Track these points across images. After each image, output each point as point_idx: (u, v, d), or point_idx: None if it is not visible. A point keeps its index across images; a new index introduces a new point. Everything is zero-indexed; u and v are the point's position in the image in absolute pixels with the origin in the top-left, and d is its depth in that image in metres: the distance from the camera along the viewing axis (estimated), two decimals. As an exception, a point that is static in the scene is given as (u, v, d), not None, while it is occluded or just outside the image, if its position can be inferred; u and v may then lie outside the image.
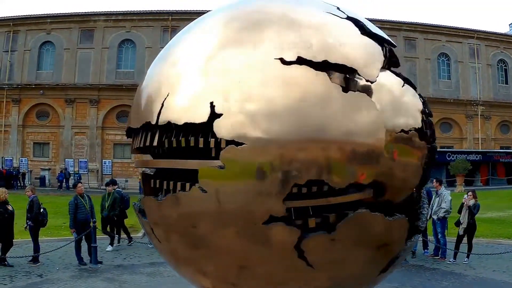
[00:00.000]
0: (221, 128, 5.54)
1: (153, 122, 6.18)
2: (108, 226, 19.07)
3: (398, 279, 13.49)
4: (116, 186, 20.93)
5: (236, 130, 5.51)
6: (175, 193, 6.01)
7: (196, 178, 5.73)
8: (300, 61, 5.75)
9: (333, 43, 6.03)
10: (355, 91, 5.78)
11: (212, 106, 5.62)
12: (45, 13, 62.61)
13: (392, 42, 6.80)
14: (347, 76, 5.86)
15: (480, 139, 64.56)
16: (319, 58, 5.78)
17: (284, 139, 5.49)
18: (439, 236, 17.23)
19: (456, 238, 17.18)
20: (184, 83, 6.12)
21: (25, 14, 62.72)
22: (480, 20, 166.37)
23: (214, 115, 5.59)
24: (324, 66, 5.77)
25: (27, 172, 55.61)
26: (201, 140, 5.75)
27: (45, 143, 60.22)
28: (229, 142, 5.51)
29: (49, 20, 60.70)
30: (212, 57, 6.10)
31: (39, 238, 16.37)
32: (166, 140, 6.13)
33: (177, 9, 61.67)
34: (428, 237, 17.85)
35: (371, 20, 7.23)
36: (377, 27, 6.86)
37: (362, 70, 5.92)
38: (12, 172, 52.89)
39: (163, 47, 7.51)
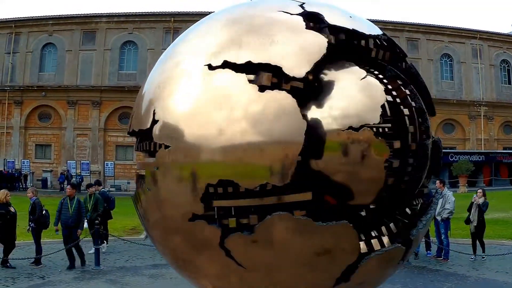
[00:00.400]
0: (155, 133, 6.21)
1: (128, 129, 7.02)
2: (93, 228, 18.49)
3: (400, 280, 13.47)
4: (101, 187, 20.76)
5: (166, 134, 6.11)
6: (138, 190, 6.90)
7: None
8: (225, 64, 5.91)
9: (263, 42, 6.06)
10: (273, 90, 5.74)
11: (153, 113, 6.24)
12: (47, 14, 62.74)
13: (374, 34, 6.58)
14: (274, 75, 5.82)
15: (483, 139, 64.49)
16: (242, 60, 5.85)
17: (205, 142, 5.83)
18: (442, 237, 17.13)
19: (471, 238, 17.49)
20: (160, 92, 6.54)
21: (27, 16, 62.85)
22: (483, 20, 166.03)
23: (154, 121, 6.22)
24: (248, 67, 5.84)
25: (29, 174, 55.72)
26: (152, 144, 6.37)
27: (47, 145, 60.33)
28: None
29: (51, 22, 60.75)
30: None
31: (41, 240, 16.35)
32: (140, 145, 6.78)
33: (179, 11, 61.77)
34: (431, 238, 17.78)
35: (374, 21, 7.17)
36: (359, 21, 6.71)
37: (288, 68, 5.81)
38: (14, 174, 53.02)
39: (165, 49, 7.67)
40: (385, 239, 6.18)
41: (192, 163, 5.95)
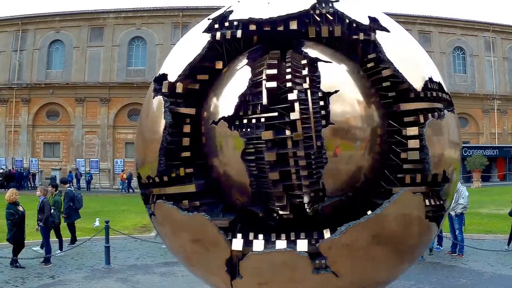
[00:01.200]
0: None
1: None
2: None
3: (415, 276, 13.35)
4: (68, 185, 20.24)
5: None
6: None
7: None
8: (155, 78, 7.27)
9: (173, 53, 7.42)
10: (158, 96, 6.84)
11: None
12: (54, 11, 62.57)
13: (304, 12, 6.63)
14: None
15: (496, 133, 64.15)
16: (160, 72, 7.18)
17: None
18: (456, 233, 16.89)
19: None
20: None
21: (34, 13, 62.90)
22: (496, 12, 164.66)
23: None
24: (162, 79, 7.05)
25: (38, 172, 55.67)
26: None
27: (55, 143, 60.30)
28: None
29: (58, 18, 60.68)
30: None
31: (50, 239, 16.22)
32: None
33: (188, 5, 61.32)
34: (445, 233, 17.58)
35: (387, 15, 7.03)
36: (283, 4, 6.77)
37: (173, 75, 6.88)
38: (23, 173, 53.04)
39: (174, 44, 8.14)
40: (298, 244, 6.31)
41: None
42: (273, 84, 6.08)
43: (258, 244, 6.26)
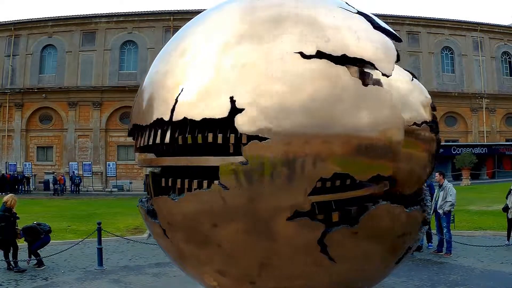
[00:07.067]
0: (242, 124, 5.44)
1: (166, 118, 6.01)
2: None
3: (405, 273, 13.36)
4: None
5: (257, 125, 5.41)
6: (191, 191, 5.90)
7: (210, 175, 5.67)
8: (320, 55, 5.66)
9: (350, 37, 5.94)
10: (372, 85, 5.73)
11: (232, 100, 5.51)
12: (47, 16, 62.67)
13: (398, 36, 6.70)
14: (364, 70, 5.80)
15: (485, 132, 64.56)
16: (338, 52, 5.69)
17: (307, 133, 5.43)
18: (444, 231, 16.86)
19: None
20: (197, 77, 6.00)
21: (26, 18, 62.69)
22: (483, 12, 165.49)
23: (234, 110, 5.48)
24: (342, 60, 5.68)
25: (31, 176, 55.67)
26: (219, 136, 5.63)
27: (48, 147, 60.36)
28: (250, 138, 5.42)
29: (50, 23, 60.79)
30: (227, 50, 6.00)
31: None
32: (180, 137, 5.96)
33: (178, 9, 61.75)
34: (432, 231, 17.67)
35: (375, 15, 7.19)
36: (383, 22, 6.72)
37: (379, 65, 5.84)
38: (17, 177, 52.98)
39: None
40: None
41: (298, 157, 5.44)
42: None
43: None
